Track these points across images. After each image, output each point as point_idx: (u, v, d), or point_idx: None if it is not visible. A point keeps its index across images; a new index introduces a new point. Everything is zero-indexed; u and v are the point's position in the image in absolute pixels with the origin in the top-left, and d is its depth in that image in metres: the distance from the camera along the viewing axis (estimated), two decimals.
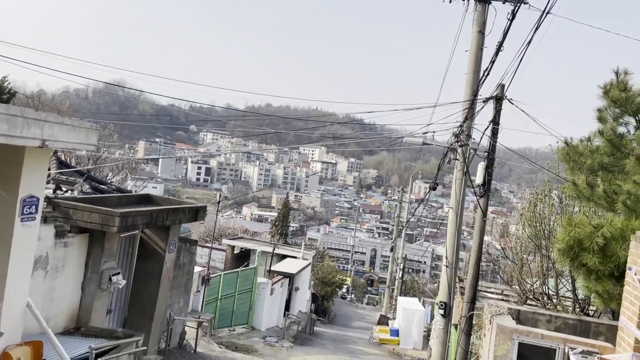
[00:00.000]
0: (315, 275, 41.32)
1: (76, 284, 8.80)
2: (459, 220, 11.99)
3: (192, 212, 11.35)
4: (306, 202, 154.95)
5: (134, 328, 10.96)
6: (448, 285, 11.81)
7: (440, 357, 11.91)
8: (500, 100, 11.11)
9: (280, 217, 70.13)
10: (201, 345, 14.70)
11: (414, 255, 62.39)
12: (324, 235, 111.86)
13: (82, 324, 8.87)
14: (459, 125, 11.56)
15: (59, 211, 8.52)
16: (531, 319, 8.30)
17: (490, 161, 11.12)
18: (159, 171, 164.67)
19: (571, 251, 7.19)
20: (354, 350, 22.25)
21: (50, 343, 6.11)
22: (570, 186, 8.14)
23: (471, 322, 10.64)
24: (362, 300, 63.21)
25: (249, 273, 21.25)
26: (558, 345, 6.68)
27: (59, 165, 21.07)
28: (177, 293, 12.80)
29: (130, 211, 8.88)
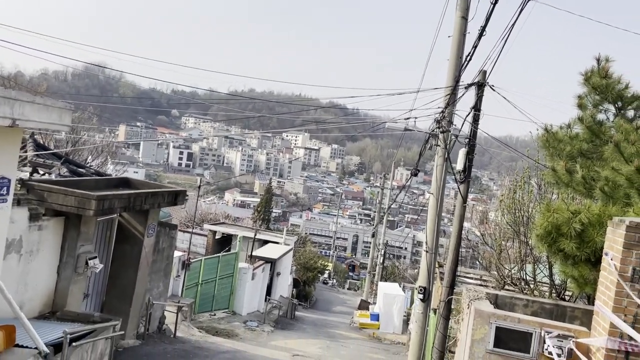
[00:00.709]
0: (297, 261, 41.43)
1: (52, 268, 8.65)
2: (440, 205, 12.03)
3: (172, 196, 11.20)
4: (289, 188, 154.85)
5: (112, 312, 10.85)
6: (427, 270, 11.89)
7: (419, 341, 12.02)
8: (482, 86, 11.11)
9: (263, 203, 70.05)
10: (181, 330, 14.63)
11: (395, 242, 62.84)
12: (307, 221, 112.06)
13: (58, 308, 8.73)
14: (440, 111, 11.54)
15: (33, 194, 8.32)
16: (509, 304, 8.38)
17: (471, 147, 11.14)
18: (140, 156, 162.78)
19: (549, 237, 7.25)
20: (335, 335, 22.40)
21: (23, 327, 5.98)
22: (550, 172, 8.19)
23: (450, 306, 10.73)
24: (344, 285, 63.68)
25: (230, 258, 21.16)
26: (534, 329, 6.75)
27: (36, 148, 20.66)
28: (156, 278, 12.69)
29: (107, 194, 8.71)
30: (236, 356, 12.77)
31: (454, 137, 11.62)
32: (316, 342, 18.58)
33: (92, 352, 7.79)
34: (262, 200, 71.37)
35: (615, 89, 8.34)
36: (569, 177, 7.76)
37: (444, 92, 11.80)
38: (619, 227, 5.70)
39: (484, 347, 6.95)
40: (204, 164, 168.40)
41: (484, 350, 6.95)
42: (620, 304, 5.63)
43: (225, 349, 13.44)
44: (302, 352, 15.82)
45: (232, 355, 12.77)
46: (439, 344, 10.74)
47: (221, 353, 12.76)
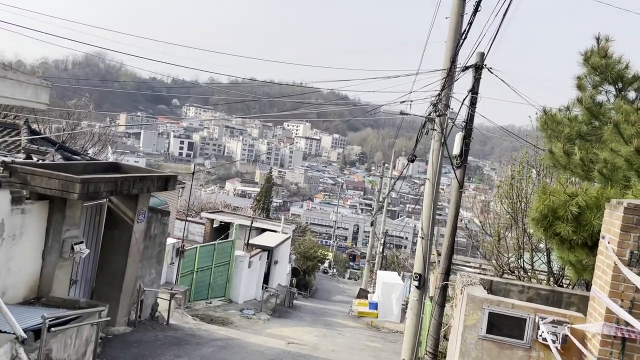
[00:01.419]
0: (297, 250, 41.32)
1: (36, 252, 8.45)
2: (436, 191, 11.82)
3: (162, 181, 10.98)
4: (290, 178, 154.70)
5: (101, 299, 10.68)
6: (423, 257, 11.70)
7: (414, 328, 11.86)
8: (479, 68, 10.83)
9: (263, 192, 69.89)
10: (175, 317, 14.50)
11: (395, 231, 62.71)
12: (307, 211, 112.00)
13: (43, 294, 8.55)
14: (437, 95, 11.28)
15: (16, 177, 8.10)
16: (504, 290, 8.18)
17: (468, 131, 10.89)
18: (141, 145, 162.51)
19: (545, 220, 7.02)
20: (332, 323, 22.28)
21: (0, 312, 5.78)
22: (547, 155, 7.95)
23: (445, 293, 10.55)
24: (344, 275, 63.69)
25: (227, 246, 21.00)
26: (529, 315, 6.54)
27: (30, 134, 20.41)
28: (148, 264, 12.51)
29: (92, 177, 8.49)
30: (229, 343, 12.62)
31: (451, 122, 11.37)
32: (313, 331, 18.46)
33: (77, 338, 7.62)
34: (262, 189, 71.20)
35: (615, 69, 8.06)
36: (567, 159, 7.51)
37: (440, 75, 11.54)
38: (617, 210, 5.47)
39: (477, 333, 6.75)
40: (205, 154, 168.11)
41: (477, 336, 6.76)
42: (617, 288, 5.42)
43: (219, 337, 13.29)
44: (298, 340, 15.69)
45: (224, 342, 12.62)
46: (433, 331, 10.57)
47: (214, 340, 12.62)
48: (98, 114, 45.14)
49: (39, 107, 5.73)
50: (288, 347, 13.90)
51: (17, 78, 5.37)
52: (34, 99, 5.59)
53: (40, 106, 5.75)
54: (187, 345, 11.33)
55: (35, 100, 5.62)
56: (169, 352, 10.44)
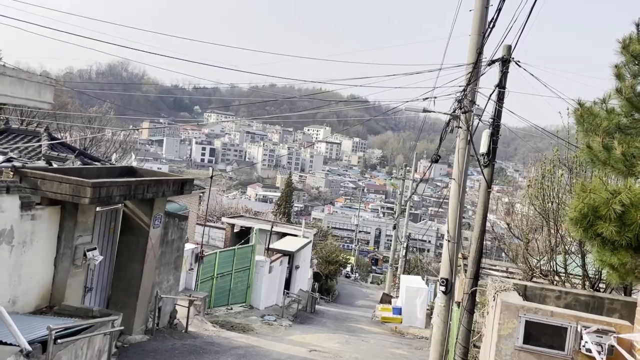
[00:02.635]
0: (319, 254, 40.89)
1: (48, 260, 8.19)
2: (462, 192, 11.28)
3: (178, 185, 10.68)
4: (311, 182, 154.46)
5: (118, 307, 10.42)
6: (450, 261, 11.15)
7: (441, 335, 11.31)
8: (506, 62, 10.31)
9: (284, 197, 69.64)
10: (194, 325, 14.19)
11: (418, 234, 61.82)
12: (328, 215, 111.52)
13: (55, 302, 8.28)
14: (462, 90, 10.76)
15: (26, 181, 7.86)
16: (539, 295, 7.63)
17: (496, 128, 10.37)
18: (164, 152, 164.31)
19: (585, 220, 6.46)
20: (355, 329, 21.77)
21: (4, 323, 5.48)
22: (585, 150, 7.37)
23: (474, 299, 10.00)
24: (367, 279, 63.04)
25: (247, 251, 20.67)
26: (570, 323, 6.01)
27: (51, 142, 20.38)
28: (165, 270, 12.22)
29: (105, 181, 8.20)
30: (249, 352, 12.23)
31: (477, 118, 10.84)
32: (335, 337, 17.98)
33: (89, 348, 7.31)
34: (282, 194, 70.97)
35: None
36: (607, 154, 6.94)
37: (465, 71, 11.02)
38: None
39: (512, 343, 6.23)
40: (226, 160, 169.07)
41: (512, 347, 6.23)
42: None
43: (238, 345, 12.92)
44: (320, 347, 15.24)
45: (244, 350, 12.24)
46: (462, 339, 10.02)
47: (233, 349, 12.24)
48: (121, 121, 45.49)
49: (43, 106, 5.43)
50: (310, 355, 13.46)
51: (17, 75, 5.08)
52: (37, 98, 5.29)
53: (43, 105, 5.45)
54: (206, 355, 10.97)
55: (39, 99, 5.32)
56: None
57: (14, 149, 18.91)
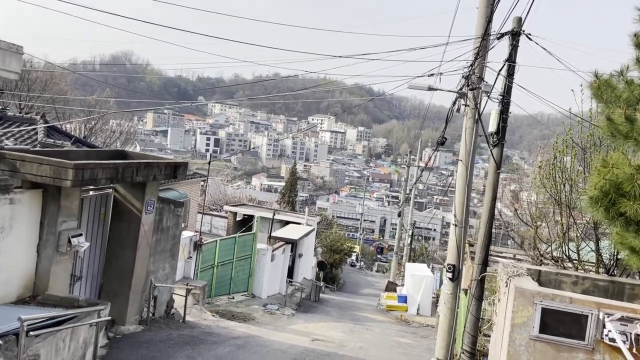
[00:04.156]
0: (323, 243, 40.47)
1: (29, 247, 7.71)
2: (470, 173, 10.72)
3: (170, 169, 10.16)
4: (315, 172, 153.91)
5: (110, 296, 9.97)
6: (457, 247, 10.62)
7: (448, 323, 10.81)
8: (516, 35, 9.69)
9: (288, 186, 69.12)
10: (192, 314, 13.76)
11: (423, 223, 61.31)
12: (333, 204, 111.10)
13: (39, 292, 7.82)
14: (469, 65, 10.16)
15: (4, 163, 7.37)
16: (554, 281, 7.10)
17: (505, 105, 9.78)
18: (168, 142, 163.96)
19: (606, 198, 5.92)
20: (359, 317, 21.33)
21: None
22: (604, 123, 6.80)
23: (483, 286, 9.48)
24: (372, 267, 62.68)
25: (248, 239, 20.21)
26: (591, 310, 5.48)
27: (47, 129, 19.96)
28: (161, 258, 11.75)
29: (88, 163, 7.69)
30: (248, 342, 11.79)
31: (486, 95, 10.24)
32: (339, 326, 17.54)
33: (72, 340, 6.84)
34: (287, 183, 70.47)
35: None
36: (629, 126, 6.36)
37: (473, 45, 10.41)
38: None
39: (527, 332, 5.71)
40: (231, 150, 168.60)
41: (527, 337, 5.72)
42: None
43: (238, 334, 12.47)
44: (323, 336, 14.79)
45: (244, 341, 11.79)
46: (471, 327, 9.51)
47: (232, 339, 11.79)
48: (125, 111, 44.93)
49: (8, 76, 4.90)
50: (312, 345, 13.00)
51: None
52: (0, 67, 4.75)
53: (9, 75, 4.92)
54: (202, 345, 10.53)
55: (2, 67, 4.78)
56: (181, 352, 9.65)
57: (9, 135, 18.47)
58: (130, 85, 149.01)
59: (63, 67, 40.76)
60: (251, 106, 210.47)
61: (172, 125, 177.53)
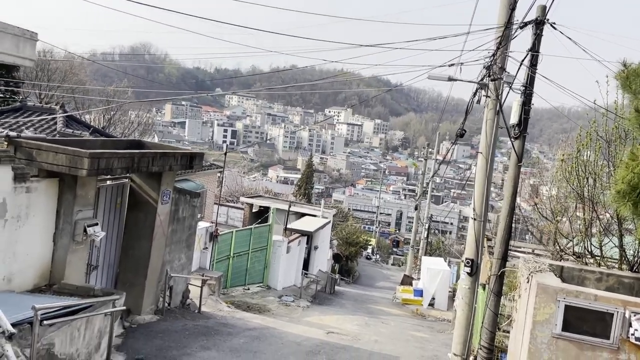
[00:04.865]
0: (339, 235, 40.39)
1: (46, 235, 7.73)
2: (490, 166, 10.48)
3: (186, 159, 10.11)
4: (332, 164, 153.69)
5: (126, 286, 10.00)
6: (475, 241, 10.41)
7: (465, 319, 10.63)
8: (540, 24, 9.42)
9: (304, 179, 69.09)
10: (208, 305, 13.78)
11: (440, 216, 60.84)
12: (349, 197, 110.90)
13: (55, 280, 7.84)
14: (491, 55, 9.90)
15: (21, 152, 7.37)
16: (577, 277, 6.90)
17: (528, 97, 9.53)
18: (186, 134, 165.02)
19: (634, 192, 5.70)
20: (375, 311, 21.23)
21: None
22: (632, 114, 6.55)
23: (502, 281, 9.29)
24: (387, 261, 62.49)
25: (264, 230, 20.19)
26: (616, 308, 5.28)
27: (66, 119, 20.15)
28: (176, 249, 11.75)
29: (104, 152, 7.66)
30: (263, 333, 11.75)
31: (507, 86, 9.99)
32: (354, 319, 17.45)
33: (87, 329, 6.84)
34: (303, 175, 70.45)
35: None
36: None
37: (494, 35, 10.14)
38: None
39: (549, 330, 5.53)
40: (248, 141, 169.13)
41: (549, 334, 5.54)
42: None
43: (253, 326, 12.45)
44: (338, 329, 14.72)
45: (259, 332, 11.76)
46: (489, 323, 9.34)
47: (247, 330, 11.77)
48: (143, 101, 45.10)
49: (23, 62, 4.88)
50: (327, 338, 12.93)
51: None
52: (14, 52, 4.76)
53: (24, 62, 4.90)
54: (217, 336, 10.51)
55: (17, 54, 4.75)
56: (196, 343, 9.64)
57: (29, 125, 18.67)
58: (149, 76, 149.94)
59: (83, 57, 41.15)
60: (268, 98, 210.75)
61: (190, 116, 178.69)
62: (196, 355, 8.88)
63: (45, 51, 30.99)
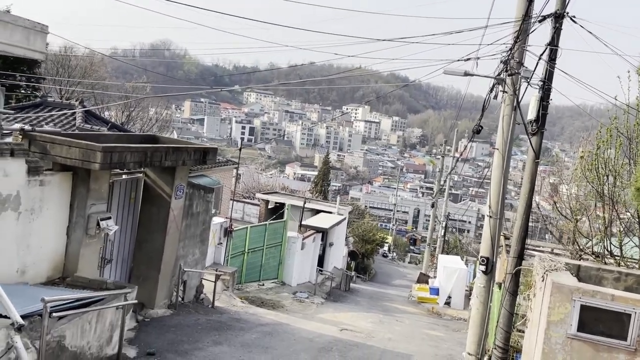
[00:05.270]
0: (355, 233, 40.26)
1: (59, 228, 7.79)
2: (506, 163, 10.30)
3: (199, 154, 10.12)
4: (349, 162, 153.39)
5: (140, 280, 10.06)
6: (491, 238, 10.25)
7: (480, 318, 10.48)
8: (560, 17, 9.20)
9: (321, 176, 69.08)
10: (221, 300, 13.81)
11: (458, 215, 60.27)
12: (366, 194, 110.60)
13: (68, 273, 7.91)
14: (508, 50, 9.70)
15: (35, 145, 7.44)
16: (594, 277, 6.72)
17: (546, 92, 9.31)
18: (205, 131, 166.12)
19: None
20: (390, 308, 21.10)
21: None
22: None
23: (518, 279, 9.11)
24: (404, 259, 62.20)
25: (278, 226, 20.18)
26: (634, 309, 5.12)
27: (85, 115, 20.39)
28: (190, 244, 11.79)
29: (117, 146, 7.69)
30: (276, 329, 11.74)
31: (525, 81, 9.78)
32: (368, 316, 17.36)
33: (98, 323, 6.88)
34: (319, 172, 70.43)
35: None
36: None
37: (512, 29, 9.94)
38: None
39: (564, 330, 5.39)
40: (265, 138, 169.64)
41: (564, 335, 5.40)
42: None
43: (266, 321, 12.45)
44: (352, 326, 14.64)
45: (271, 328, 11.75)
46: (504, 322, 9.17)
47: (260, 325, 11.77)
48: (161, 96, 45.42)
49: (33, 55, 4.86)
50: (340, 335, 12.88)
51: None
52: (25, 45, 4.73)
53: (34, 54, 4.88)
54: (230, 331, 10.52)
55: (27, 46, 4.75)
56: (208, 338, 9.65)
57: (48, 120, 18.92)
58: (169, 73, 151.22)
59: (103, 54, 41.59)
60: (286, 95, 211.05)
61: (209, 113, 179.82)
62: (207, 349, 8.88)
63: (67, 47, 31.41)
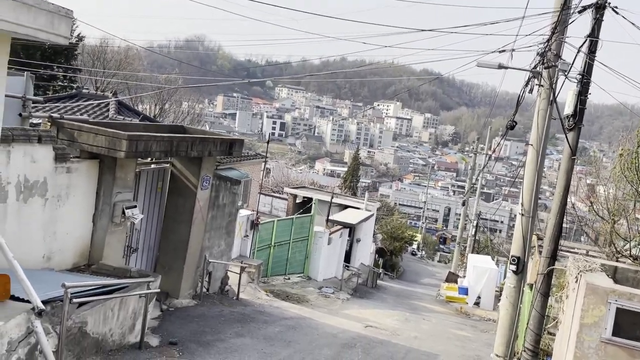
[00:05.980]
0: (383, 230, 39.94)
1: (85, 216, 7.85)
2: (541, 159, 9.93)
3: (225, 145, 10.09)
4: (379, 158, 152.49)
5: (165, 269, 10.12)
6: (523, 237, 9.91)
7: (510, 319, 10.16)
8: (601, 8, 8.79)
9: (350, 172, 68.83)
10: (246, 292, 13.81)
11: (489, 214, 59.15)
12: (396, 191, 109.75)
13: (93, 261, 7.97)
14: (545, 41, 9.33)
15: (63, 133, 7.51)
16: (632, 279, 6.38)
17: (585, 86, 8.91)
18: (236, 125, 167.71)
19: None
20: (417, 307, 20.80)
21: (15, 277, 5.03)
22: None
23: (550, 280, 8.78)
24: (433, 257, 61.44)
25: (305, 221, 20.11)
26: None
27: (118, 107, 20.74)
28: (216, 235, 11.80)
29: (142, 135, 7.70)
30: (300, 323, 11.65)
31: (563, 74, 9.39)
32: (394, 314, 17.13)
33: (121, 310, 6.90)
34: (349, 168, 70.19)
35: None
36: None
37: (550, 19, 9.56)
38: None
39: (598, 334, 5.10)
40: (296, 134, 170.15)
41: (598, 339, 5.11)
42: None
43: (290, 315, 12.38)
44: (377, 323, 14.45)
45: (295, 322, 11.67)
46: (534, 324, 8.86)
47: (284, 319, 11.71)
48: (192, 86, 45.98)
49: (57, 40, 4.80)
50: (364, 331, 12.71)
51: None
52: (49, 29, 4.67)
53: (58, 39, 4.82)
54: (253, 323, 10.48)
55: (52, 31, 4.70)
56: (231, 329, 9.63)
57: (83, 112, 19.31)
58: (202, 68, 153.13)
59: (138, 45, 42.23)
60: (317, 91, 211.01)
61: (241, 108, 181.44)
62: (229, 341, 8.85)
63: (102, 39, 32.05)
